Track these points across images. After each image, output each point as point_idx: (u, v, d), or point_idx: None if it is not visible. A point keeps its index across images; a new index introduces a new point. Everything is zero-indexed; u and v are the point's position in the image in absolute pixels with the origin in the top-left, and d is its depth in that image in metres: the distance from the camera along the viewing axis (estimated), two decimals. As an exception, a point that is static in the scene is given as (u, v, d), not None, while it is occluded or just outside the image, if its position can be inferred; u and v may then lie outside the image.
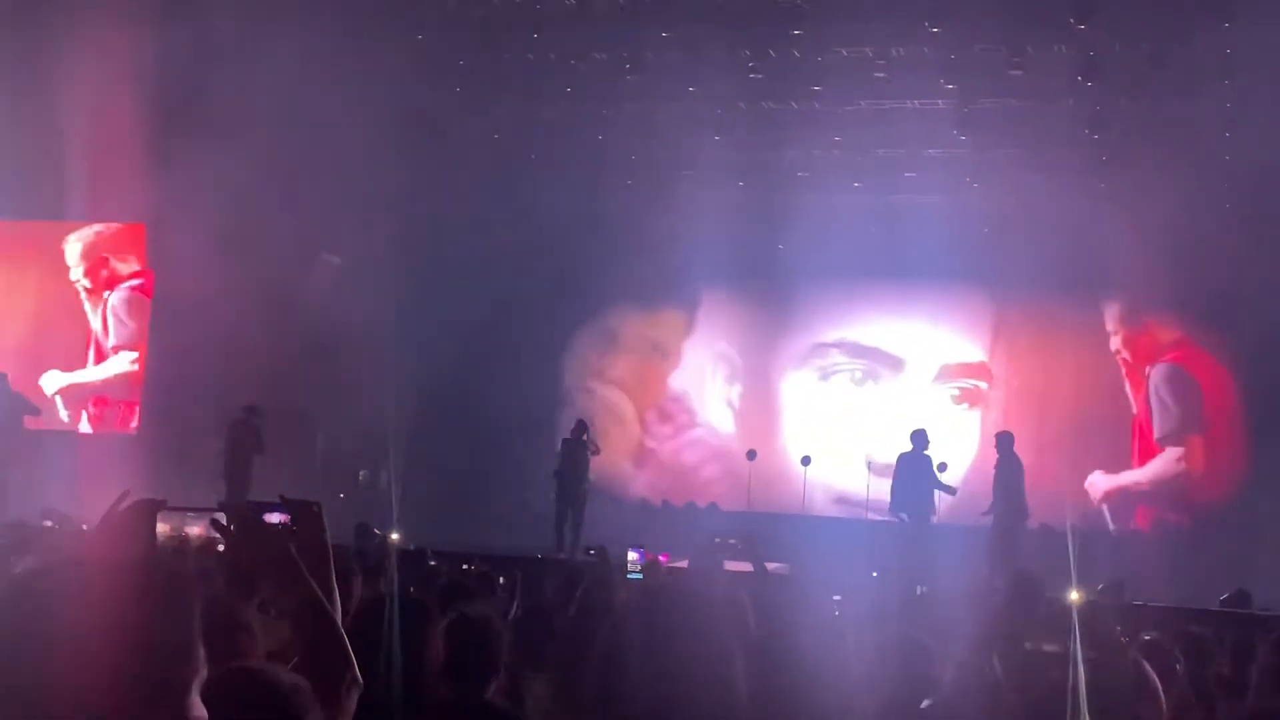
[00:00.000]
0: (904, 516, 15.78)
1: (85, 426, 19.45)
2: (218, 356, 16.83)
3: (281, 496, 3.04)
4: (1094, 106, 16.96)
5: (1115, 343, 20.64)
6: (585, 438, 17.56)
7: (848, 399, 21.63)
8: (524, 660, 5.18)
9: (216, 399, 16.67)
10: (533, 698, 4.93)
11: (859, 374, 21.74)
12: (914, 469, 15.73)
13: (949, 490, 16.05)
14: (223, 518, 3.04)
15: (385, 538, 10.95)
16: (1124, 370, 20.55)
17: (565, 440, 17.84)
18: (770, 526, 18.16)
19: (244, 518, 3.02)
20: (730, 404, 22.24)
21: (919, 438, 15.99)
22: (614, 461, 21.79)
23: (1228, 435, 19.83)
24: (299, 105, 15.96)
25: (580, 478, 17.37)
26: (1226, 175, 18.21)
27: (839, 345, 21.91)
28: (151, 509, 3.15)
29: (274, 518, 2.98)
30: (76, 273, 20.17)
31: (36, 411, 16.87)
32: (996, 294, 21.02)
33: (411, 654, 3.71)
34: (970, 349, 21.31)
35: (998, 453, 15.40)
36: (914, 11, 15.21)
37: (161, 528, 3.31)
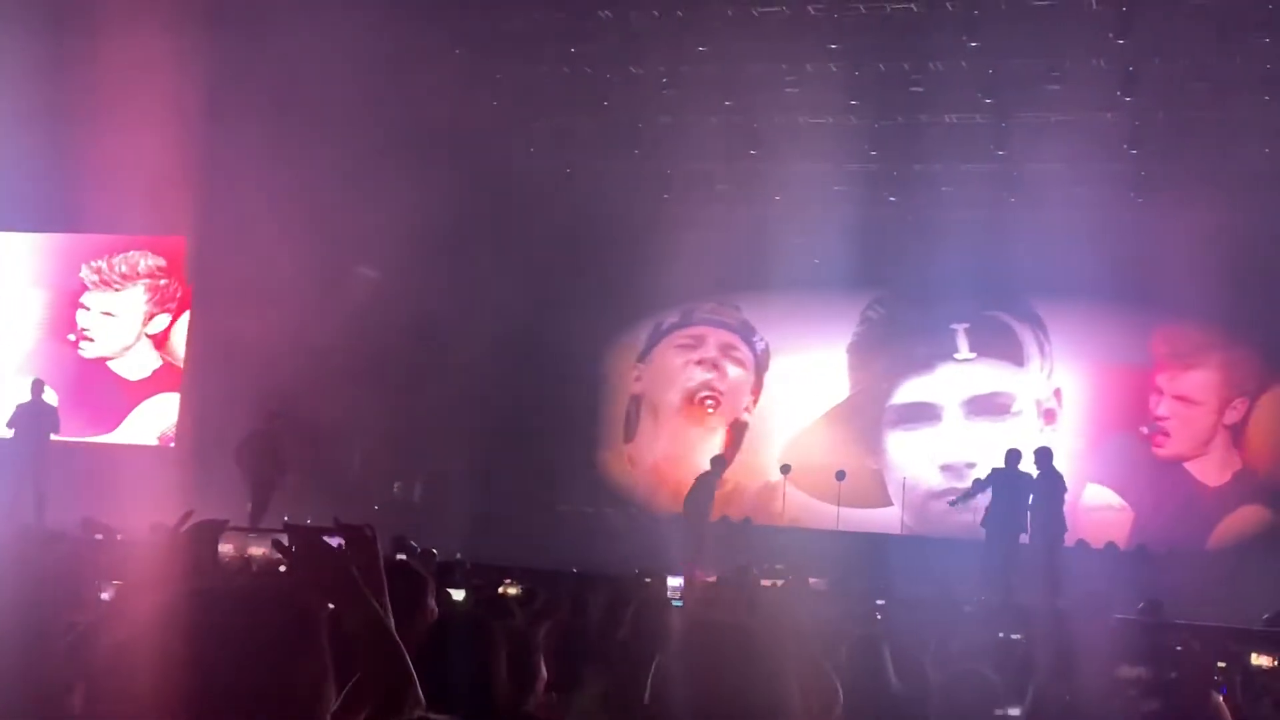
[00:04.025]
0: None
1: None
2: (255, 370, 16.89)
3: (336, 520, 3.04)
4: (1133, 121, 16.90)
5: (1152, 356, 20.47)
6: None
7: (879, 412, 21.52)
8: (562, 678, 5.15)
9: (253, 413, 16.71)
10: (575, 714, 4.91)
11: (893, 387, 21.61)
12: (1011, 488, 15.38)
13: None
14: (285, 539, 3.04)
15: (427, 551, 10.95)
16: (1159, 383, 20.39)
17: (703, 476, 18.36)
18: (805, 542, 18.14)
19: (306, 539, 3.02)
20: (761, 416, 22.15)
21: (1013, 456, 15.62)
22: (649, 476, 21.84)
23: (1265, 452, 19.65)
24: (336, 120, 16.05)
25: (708, 509, 18.04)
26: (1267, 189, 18.14)
27: (872, 357, 21.81)
28: (215, 530, 3.17)
29: (329, 542, 2.98)
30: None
31: (57, 429, 16.89)
32: (1034, 308, 20.89)
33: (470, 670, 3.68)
34: (1009, 363, 21.17)
35: (1037, 469, 15.26)
36: (951, 26, 15.21)
37: (224, 548, 3.32)
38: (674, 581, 13.01)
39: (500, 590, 7.87)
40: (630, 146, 19.12)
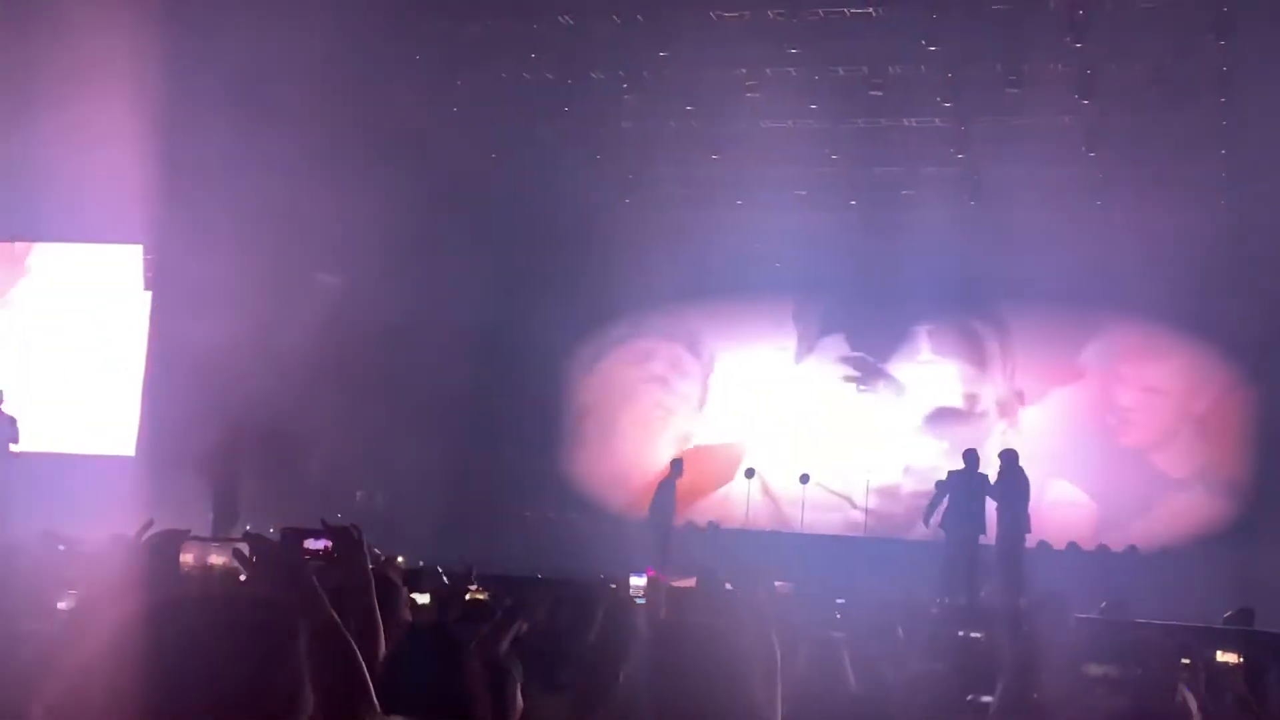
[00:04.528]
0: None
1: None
2: (216, 378, 16.78)
3: (323, 521, 3.04)
4: (1090, 124, 17.02)
5: (1111, 357, 20.61)
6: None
7: (844, 415, 21.59)
8: (534, 681, 5.15)
9: (215, 421, 16.60)
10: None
11: (856, 389, 21.70)
12: (968, 489, 15.48)
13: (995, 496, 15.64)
14: (245, 548, 3.02)
15: (391, 559, 10.88)
16: (1119, 384, 20.52)
17: (665, 480, 17.88)
18: (771, 544, 18.20)
19: (266, 548, 3.01)
20: (724, 421, 22.17)
21: (972, 457, 15.72)
22: (610, 479, 21.81)
23: (1224, 452, 19.79)
24: (298, 125, 15.97)
25: (672, 512, 17.61)
26: (1223, 191, 18.33)
27: (835, 361, 21.89)
28: (176, 539, 3.15)
29: (316, 544, 2.98)
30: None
31: (16, 439, 16.72)
32: (996, 310, 20.99)
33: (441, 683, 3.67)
34: (971, 365, 21.28)
35: (1001, 469, 15.33)
36: (911, 30, 15.28)
37: (184, 558, 3.31)
38: (637, 581, 13.13)
39: (468, 596, 7.82)
40: (591, 151, 19.15)
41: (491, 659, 4.31)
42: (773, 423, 21.79)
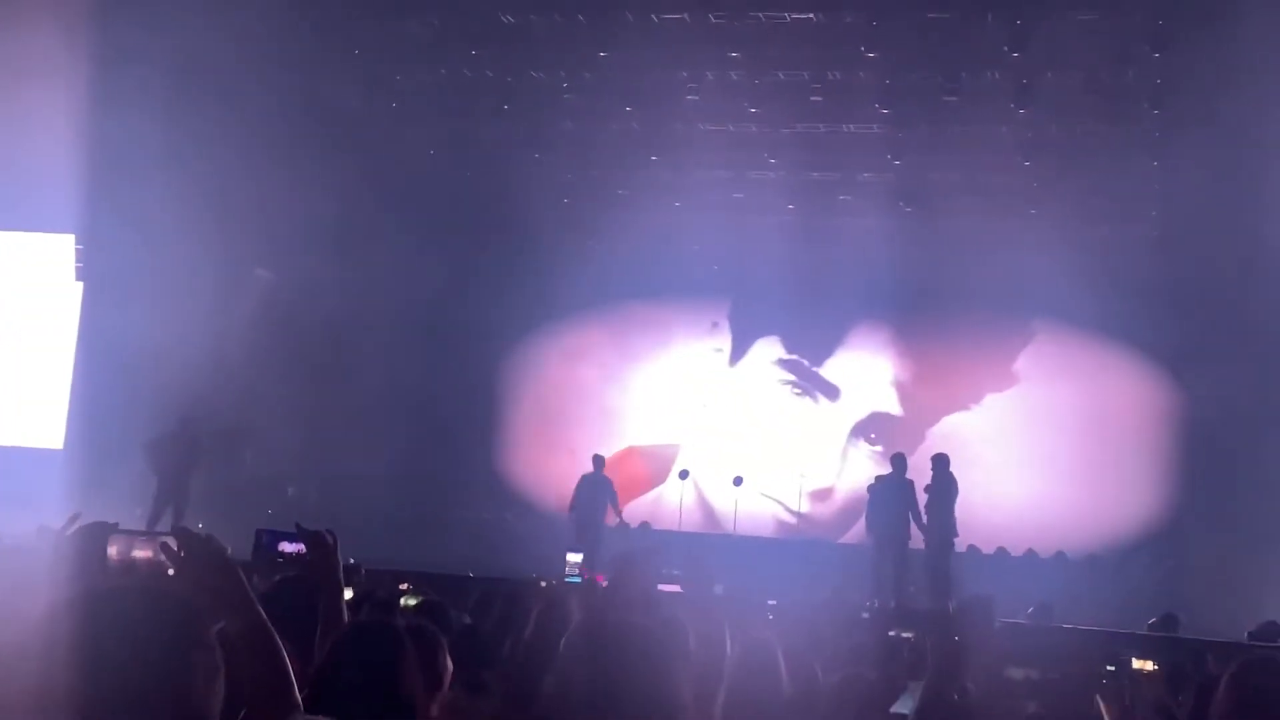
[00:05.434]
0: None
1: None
2: (147, 371, 16.62)
3: (298, 526, 3.03)
4: (1026, 133, 17.18)
5: (1042, 365, 20.80)
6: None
7: (778, 418, 21.67)
8: (457, 681, 5.13)
9: (145, 415, 16.43)
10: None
11: (791, 392, 21.79)
12: (896, 493, 15.57)
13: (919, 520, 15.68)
14: (173, 542, 3.00)
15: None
16: (1050, 392, 20.70)
17: (585, 476, 17.60)
18: (704, 546, 18.20)
19: (194, 542, 2.99)
20: (659, 422, 22.19)
21: (900, 462, 15.83)
22: (546, 478, 21.77)
23: (1153, 460, 20.00)
24: (236, 118, 15.86)
25: (601, 511, 17.23)
26: (1154, 202, 18.56)
27: (770, 363, 21.98)
28: (103, 532, 3.12)
29: (290, 547, 2.98)
30: None
31: None
32: (928, 315, 21.11)
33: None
34: (900, 369, 21.42)
35: (932, 474, 15.45)
36: (851, 37, 15.35)
37: (110, 550, 3.28)
38: (573, 557, 13.28)
39: (403, 602, 7.77)
40: (531, 150, 19.10)
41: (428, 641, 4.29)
42: (707, 424, 21.85)
